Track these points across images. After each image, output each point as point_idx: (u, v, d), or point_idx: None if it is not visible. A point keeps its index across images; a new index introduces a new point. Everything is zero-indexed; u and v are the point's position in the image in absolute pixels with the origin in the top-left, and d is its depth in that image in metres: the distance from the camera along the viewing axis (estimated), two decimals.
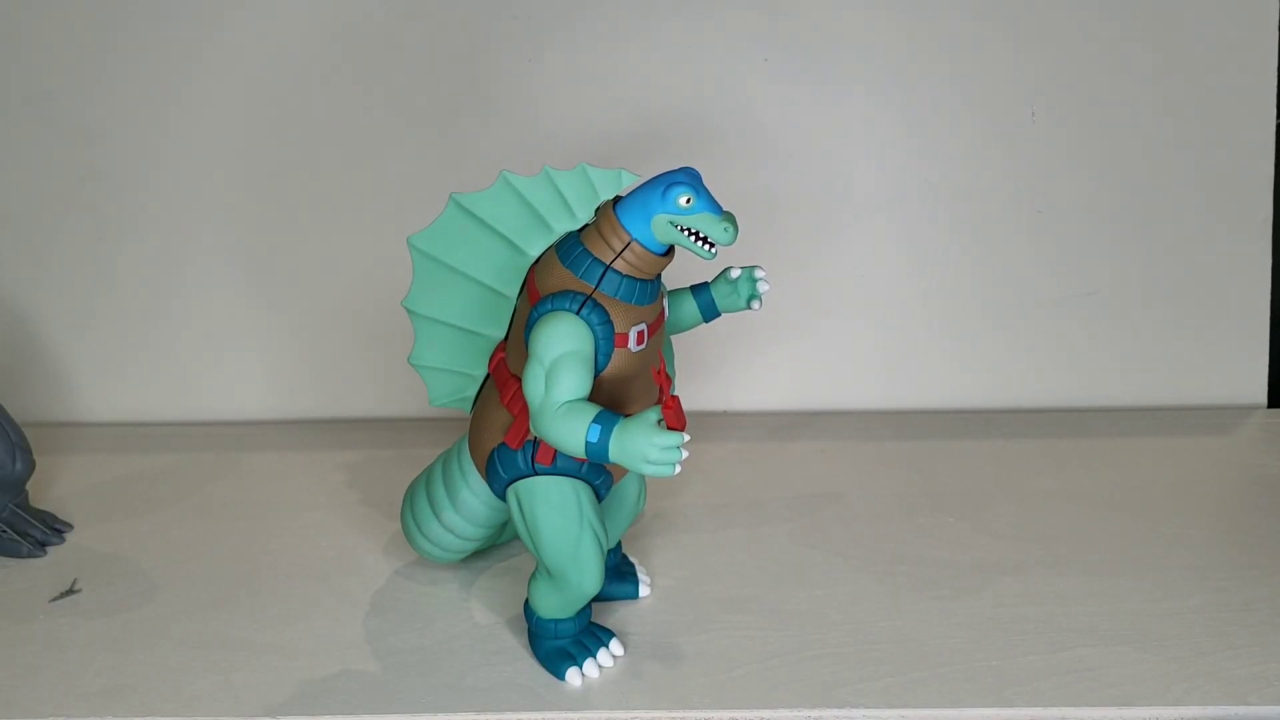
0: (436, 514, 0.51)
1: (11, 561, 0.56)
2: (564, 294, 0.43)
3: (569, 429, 0.41)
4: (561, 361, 0.42)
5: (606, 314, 0.43)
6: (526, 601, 0.48)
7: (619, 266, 0.43)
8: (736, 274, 0.49)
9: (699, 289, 0.50)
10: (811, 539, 0.57)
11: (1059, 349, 0.74)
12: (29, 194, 0.71)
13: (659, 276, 0.45)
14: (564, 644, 0.47)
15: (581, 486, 0.46)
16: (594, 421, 0.41)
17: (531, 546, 0.46)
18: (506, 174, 0.45)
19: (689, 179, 0.43)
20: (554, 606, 0.47)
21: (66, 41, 0.69)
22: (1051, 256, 0.73)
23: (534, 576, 0.47)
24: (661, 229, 0.43)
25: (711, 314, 0.50)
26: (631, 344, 0.44)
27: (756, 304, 0.49)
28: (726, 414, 0.74)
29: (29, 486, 0.58)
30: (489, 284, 0.47)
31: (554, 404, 0.42)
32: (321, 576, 0.54)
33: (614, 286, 0.43)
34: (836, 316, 0.74)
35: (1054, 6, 0.70)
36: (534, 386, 0.42)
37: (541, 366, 0.42)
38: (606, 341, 0.43)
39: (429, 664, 0.48)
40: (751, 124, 0.71)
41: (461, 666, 0.47)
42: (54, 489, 0.64)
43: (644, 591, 0.52)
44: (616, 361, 0.44)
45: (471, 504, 0.50)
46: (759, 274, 0.49)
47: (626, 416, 0.41)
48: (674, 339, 0.51)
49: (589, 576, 0.45)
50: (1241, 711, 0.44)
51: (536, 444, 0.45)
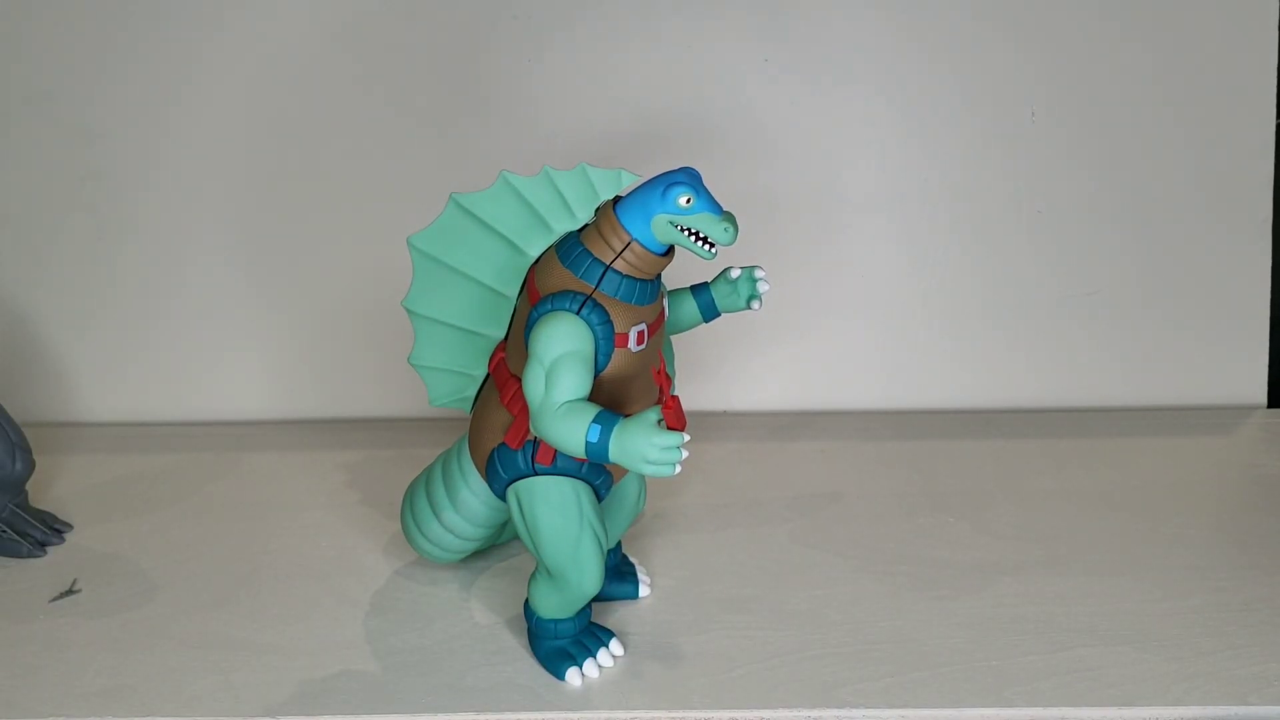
0: (436, 514, 0.51)
1: (11, 561, 0.56)
2: (564, 294, 0.43)
3: (569, 429, 0.41)
4: (561, 361, 0.42)
5: (606, 314, 0.43)
6: (526, 601, 0.48)
7: (619, 266, 0.43)
8: (736, 274, 0.49)
9: (699, 289, 0.50)
10: (811, 539, 0.57)
11: (1059, 349, 0.74)
12: (29, 194, 0.71)
13: (659, 276, 0.45)
14: (564, 644, 0.47)
15: (581, 486, 0.46)
16: (594, 421, 0.41)
17: (531, 546, 0.46)
18: (506, 174, 0.45)
19: (689, 179, 0.43)
20: (554, 606, 0.47)
21: (66, 41, 0.69)
22: (1051, 256, 0.73)
23: (534, 576, 0.47)
24: (661, 229, 0.43)
25: (711, 314, 0.50)
26: (631, 344, 0.44)
27: (756, 304, 0.49)
28: (726, 414, 0.74)
29: (29, 486, 0.58)
30: (489, 284, 0.47)
31: (554, 404, 0.42)
32: (321, 576, 0.54)
33: (614, 286, 0.43)
34: (836, 316, 0.74)
35: (1054, 6, 0.70)
36: (534, 386, 0.42)
37: (541, 366, 0.42)
38: (606, 341, 0.43)
39: (429, 664, 0.48)
40: (751, 124, 0.71)
41: (461, 666, 0.47)
42: (54, 489, 0.64)
43: (644, 591, 0.52)
44: (616, 361, 0.44)
45: (471, 504, 0.50)
46: (759, 274, 0.49)
47: (626, 416, 0.41)
48: (674, 339, 0.51)
49: (589, 576, 0.45)
50: (1241, 711, 0.44)
51: (536, 444, 0.45)
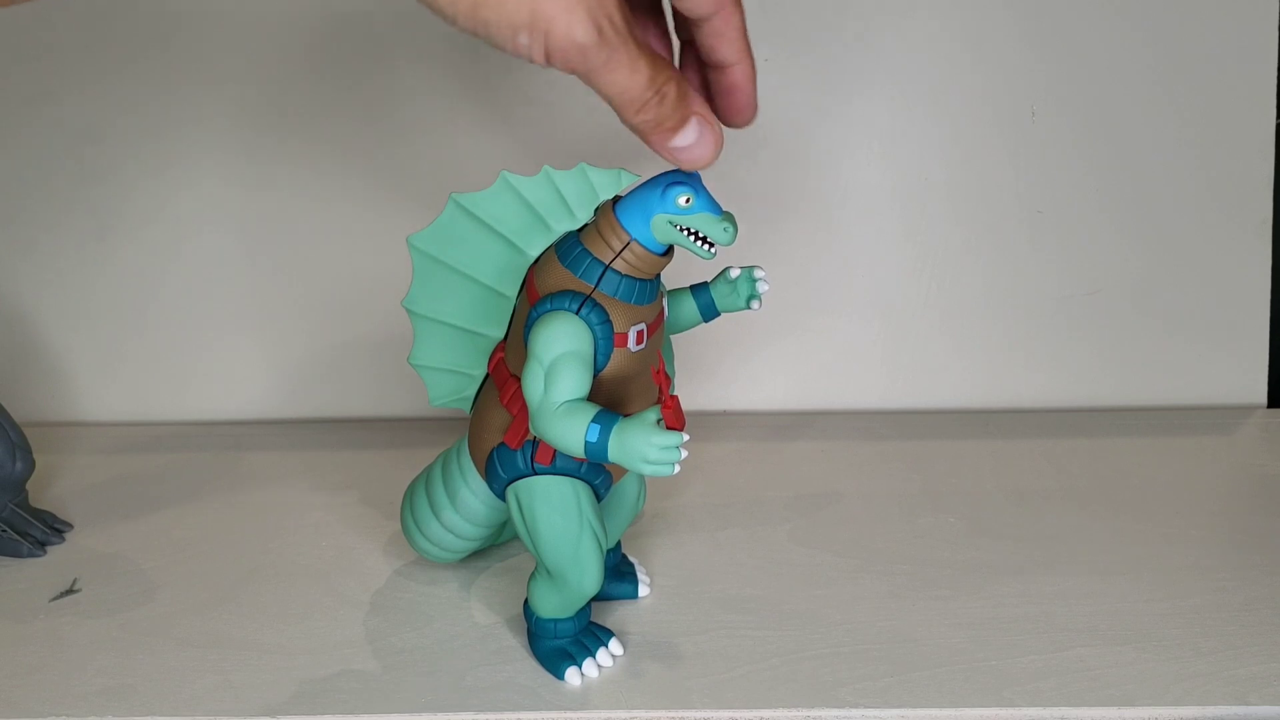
0: (436, 514, 0.51)
1: (11, 561, 0.56)
2: (563, 294, 0.43)
3: (568, 428, 0.41)
4: (561, 361, 0.42)
5: (606, 314, 0.43)
6: (526, 601, 0.48)
7: (618, 266, 0.43)
8: (736, 274, 0.49)
9: (698, 289, 0.50)
10: (811, 539, 0.57)
11: (1059, 349, 0.74)
12: (29, 194, 0.72)
13: (658, 276, 0.45)
14: (563, 644, 0.47)
15: (581, 486, 0.46)
16: (593, 421, 0.41)
17: (531, 546, 0.46)
18: (506, 174, 0.45)
19: (688, 179, 0.43)
20: (553, 606, 0.47)
21: (66, 41, 0.70)
22: (1051, 256, 0.73)
23: (534, 576, 0.47)
24: (661, 229, 0.43)
25: (711, 314, 0.50)
26: (631, 344, 0.44)
27: (756, 304, 0.49)
28: (726, 414, 0.74)
29: (29, 486, 0.58)
30: (489, 284, 0.47)
31: (553, 403, 0.42)
32: (321, 576, 0.55)
33: (613, 286, 0.43)
34: (836, 316, 0.74)
35: (1055, 6, 0.70)
36: (533, 386, 0.42)
37: (541, 366, 0.42)
38: (606, 341, 0.43)
39: (429, 664, 0.48)
40: (751, 124, 0.71)
41: (461, 666, 0.47)
42: (54, 489, 0.64)
43: (644, 591, 0.52)
44: (616, 361, 0.44)
45: (471, 504, 0.50)
46: (758, 274, 0.49)
47: (626, 416, 0.41)
48: (674, 339, 0.51)
49: (588, 576, 0.45)
50: (1241, 711, 0.44)
51: (536, 444, 0.45)
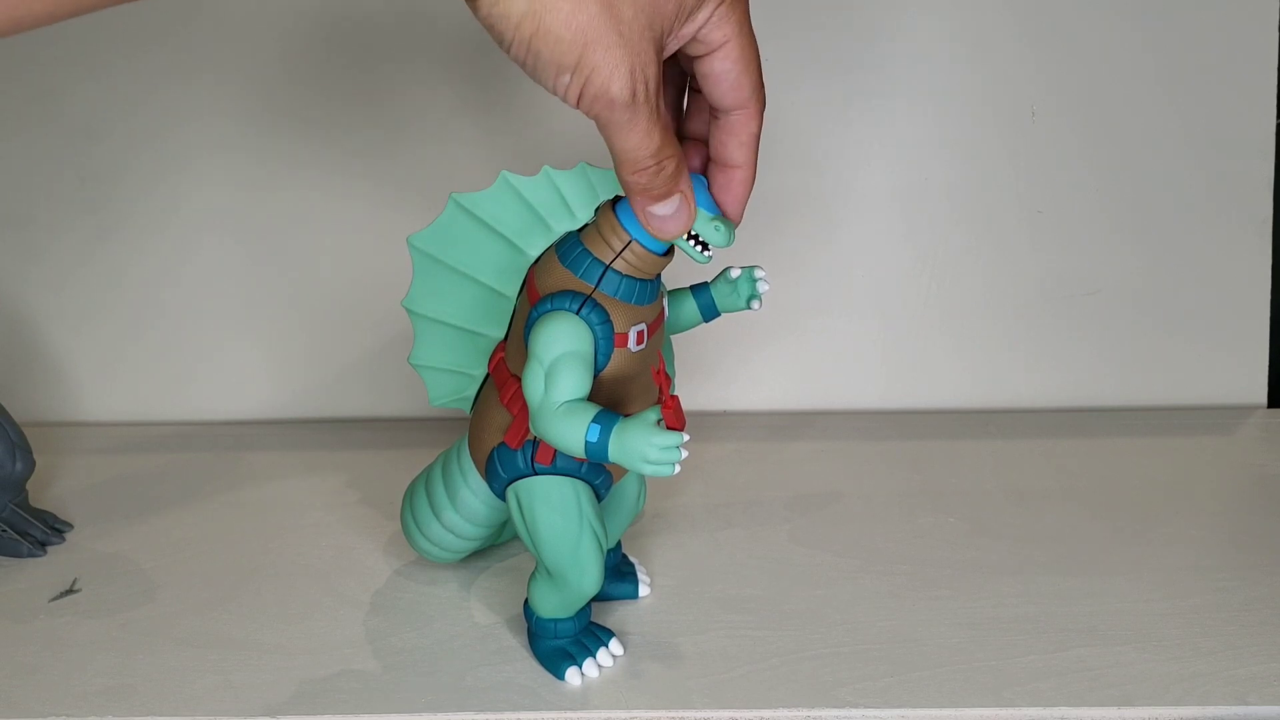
0: (436, 514, 0.51)
1: (11, 561, 0.56)
2: (564, 294, 0.43)
3: (568, 429, 0.41)
4: (561, 361, 0.42)
5: (606, 314, 0.43)
6: (526, 601, 0.48)
7: (619, 266, 0.43)
8: (736, 274, 0.49)
9: (699, 289, 0.50)
10: (811, 539, 0.57)
11: (1059, 349, 0.74)
12: (29, 194, 0.72)
13: (659, 276, 0.45)
14: (563, 644, 0.47)
15: (581, 486, 0.46)
16: (593, 421, 0.41)
17: (531, 546, 0.46)
18: (506, 174, 0.45)
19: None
20: (553, 606, 0.47)
21: (66, 41, 0.70)
22: (1051, 256, 0.73)
23: (534, 576, 0.47)
24: None
25: (711, 314, 0.50)
26: (631, 344, 0.44)
27: (756, 304, 0.49)
28: (726, 414, 0.74)
29: (29, 486, 0.58)
30: (489, 284, 0.47)
31: (553, 404, 0.42)
32: (321, 576, 0.55)
33: (614, 286, 0.43)
34: (836, 316, 0.74)
35: (1055, 6, 0.70)
36: (534, 386, 0.42)
37: (541, 366, 0.42)
38: (606, 341, 0.43)
39: (429, 664, 0.48)
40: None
41: (461, 666, 0.47)
42: (54, 489, 0.64)
43: (644, 591, 0.52)
44: (616, 361, 0.44)
45: (471, 504, 0.50)
46: (759, 274, 0.49)
47: (626, 416, 0.41)
48: (674, 339, 0.51)
49: (588, 576, 0.45)
50: (1241, 711, 0.44)
51: (536, 444, 0.45)
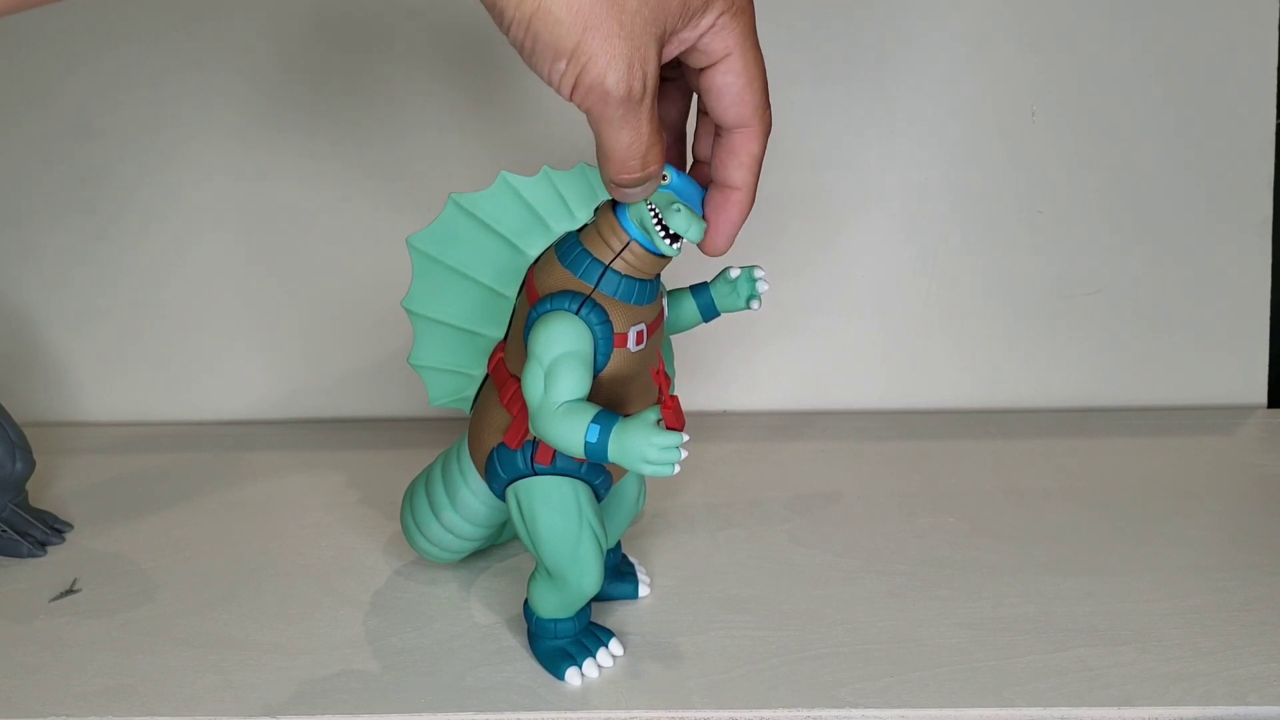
0: (436, 514, 0.51)
1: (11, 561, 0.56)
2: (563, 294, 0.43)
3: (568, 429, 0.41)
4: (561, 361, 0.42)
5: (606, 314, 0.43)
6: (526, 601, 0.48)
7: (618, 267, 0.43)
8: (736, 274, 0.49)
9: (698, 289, 0.50)
10: (811, 539, 0.57)
11: (1059, 349, 0.74)
12: (29, 194, 0.72)
13: (658, 276, 0.45)
14: (563, 644, 0.47)
15: (581, 486, 0.46)
16: (593, 421, 0.41)
17: (531, 546, 0.46)
18: (506, 174, 0.45)
19: (674, 168, 0.42)
20: (553, 606, 0.47)
21: (66, 41, 0.70)
22: (1051, 256, 0.73)
23: (533, 576, 0.47)
24: (637, 206, 0.42)
25: (711, 314, 0.50)
26: (631, 344, 0.44)
27: (756, 304, 0.49)
28: (726, 414, 0.74)
29: (29, 486, 0.58)
30: (488, 284, 0.47)
31: (553, 404, 0.42)
32: (321, 576, 0.55)
33: (613, 286, 0.43)
34: (836, 316, 0.74)
35: (1054, 6, 0.70)
36: (533, 386, 0.42)
37: (541, 366, 0.42)
38: (605, 341, 0.43)
39: (429, 664, 0.48)
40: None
41: (461, 666, 0.47)
42: (54, 489, 0.64)
43: (644, 591, 0.52)
44: (615, 361, 0.44)
45: (471, 504, 0.50)
46: (758, 274, 0.49)
47: (625, 416, 0.41)
48: (673, 339, 0.51)
49: (588, 576, 0.45)
50: (1241, 711, 0.44)
51: (536, 444, 0.45)
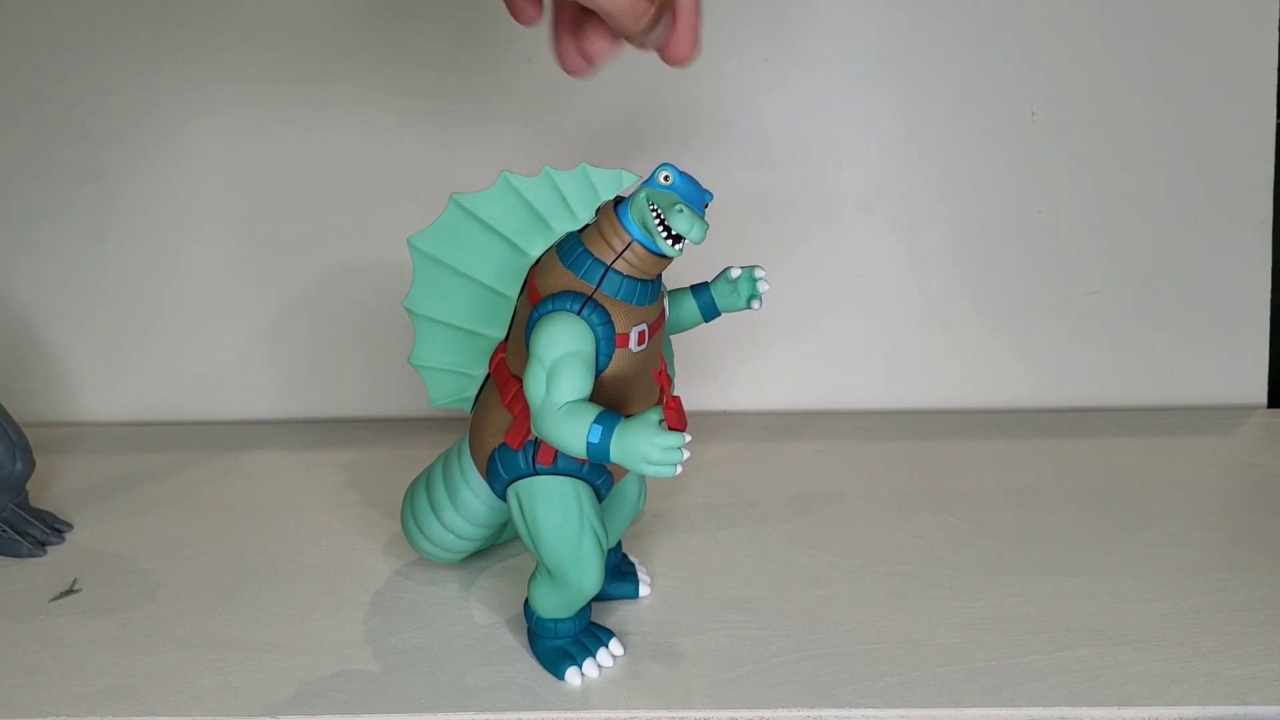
0: (437, 514, 0.51)
1: (11, 561, 0.56)
2: (565, 294, 0.43)
3: (570, 429, 0.41)
4: (562, 362, 0.42)
5: (607, 314, 0.43)
6: (526, 601, 0.48)
7: (620, 267, 0.43)
8: (736, 274, 0.49)
9: (699, 289, 0.50)
10: (811, 539, 0.57)
11: (1059, 349, 0.74)
12: (29, 194, 0.72)
13: (660, 277, 0.45)
14: (564, 644, 0.47)
15: (582, 486, 0.46)
16: (595, 422, 0.41)
17: (531, 546, 0.46)
18: (507, 174, 0.45)
19: (678, 169, 0.43)
20: (554, 606, 0.47)
21: (66, 42, 0.70)
22: (1051, 257, 0.73)
23: (534, 576, 0.47)
24: (639, 205, 0.42)
25: (711, 314, 0.50)
26: (632, 344, 0.44)
27: (756, 304, 0.49)
28: (726, 414, 0.74)
29: (29, 486, 0.58)
30: (489, 284, 0.47)
31: (555, 404, 0.42)
32: (321, 576, 0.55)
33: (615, 287, 0.43)
34: (836, 316, 0.74)
35: (1054, 7, 0.70)
36: (535, 387, 0.42)
37: (542, 367, 0.42)
38: (607, 342, 0.43)
39: (429, 664, 0.48)
40: (752, 124, 0.71)
41: (461, 666, 0.47)
42: (54, 489, 0.64)
43: (644, 591, 0.52)
44: (617, 362, 0.44)
45: (472, 504, 0.50)
46: (759, 274, 0.49)
47: (627, 417, 0.41)
48: (674, 339, 0.51)
49: (589, 576, 0.45)
50: (1241, 711, 0.44)
51: (537, 444, 0.45)
